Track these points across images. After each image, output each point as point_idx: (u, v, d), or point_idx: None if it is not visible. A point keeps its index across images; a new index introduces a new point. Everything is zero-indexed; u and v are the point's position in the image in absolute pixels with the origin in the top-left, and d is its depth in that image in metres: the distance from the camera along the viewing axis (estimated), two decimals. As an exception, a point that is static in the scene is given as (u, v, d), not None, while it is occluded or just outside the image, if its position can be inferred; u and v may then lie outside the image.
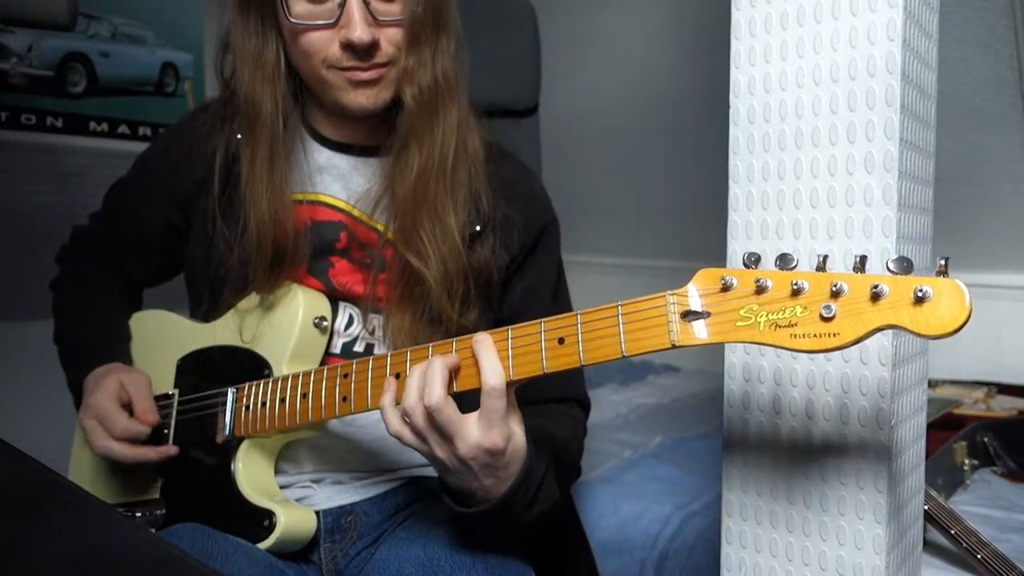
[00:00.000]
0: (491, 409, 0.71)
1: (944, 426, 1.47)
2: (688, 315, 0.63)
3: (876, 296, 0.55)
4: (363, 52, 0.85)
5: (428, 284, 0.89)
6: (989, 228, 1.83)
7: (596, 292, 1.21)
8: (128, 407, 0.93)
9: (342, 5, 0.83)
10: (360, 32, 0.83)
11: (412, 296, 0.91)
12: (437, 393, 0.71)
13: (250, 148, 0.91)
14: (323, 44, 0.85)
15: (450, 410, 0.72)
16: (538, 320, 0.70)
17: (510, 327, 0.72)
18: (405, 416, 0.74)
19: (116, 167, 1.14)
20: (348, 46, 0.84)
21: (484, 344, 0.72)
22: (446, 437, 0.73)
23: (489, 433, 0.72)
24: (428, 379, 0.72)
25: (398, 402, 0.76)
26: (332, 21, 0.84)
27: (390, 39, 0.86)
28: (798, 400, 0.77)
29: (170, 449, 0.94)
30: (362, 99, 0.88)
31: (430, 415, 0.72)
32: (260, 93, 0.90)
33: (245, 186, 0.91)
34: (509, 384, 0.72)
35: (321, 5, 0.84)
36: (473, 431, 0.72)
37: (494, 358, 0.71)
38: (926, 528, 0.99)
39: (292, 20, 0.85)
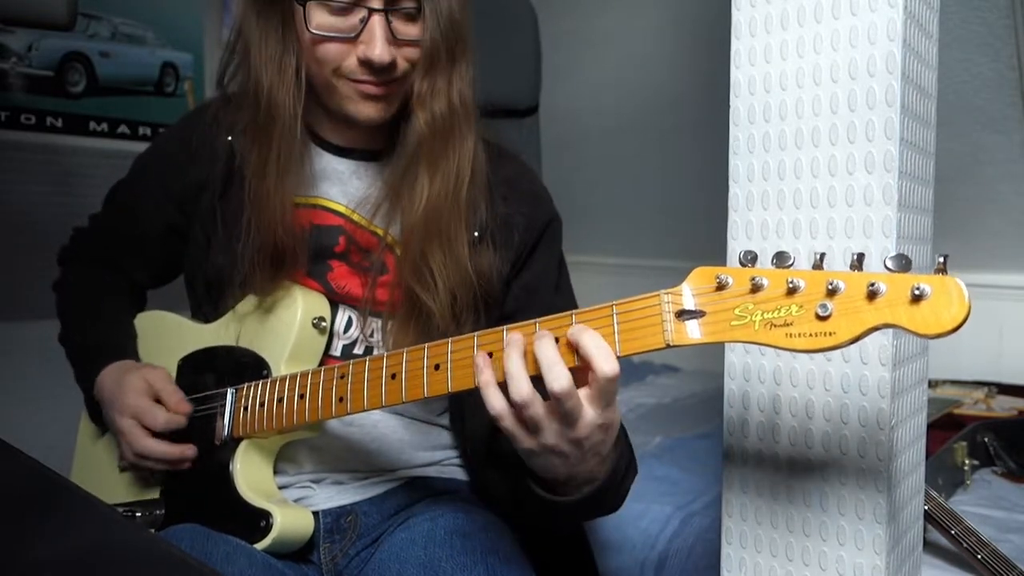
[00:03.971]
0: (608, 392, 0.66)
1: (944, 426, 1.47)
2: (682, 314, 0.62)
3: (873, 294, 0.54)
4: (380, 70, 0.85)
5: (434, 315, 0.88)
6: (989, 228, 1.83)
7: (595, 292, 1.20)
8: (158, 403, 0.92)
9: (364, 21, 0.83)
10: (380, 52, 0.83)
11: (413, 313, 0.90)
12: (565, 377, 0.64)
13: (260, 152, 0.90)
14: (340, 55, 0.85)
15: (579, 394, 0.65)
16: (533, 320, 0.69)
17: (505, 327, 0.71)
18: (522, 408, 0.66)
19: (116, 167, 1.14)
20: (366, 63, 0.84)
21: (587, 330, 0.65)
22: (569, 422, 0.66)
23: (606, 412, 0.68)
24: (549, 362, 0.64)
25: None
26: (352, 36, 0.84)
27: (406, 56, 0.86)
28: (798, 400, 0.77)
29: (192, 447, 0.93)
30: (370, 111, 0.88)
31: (558, 402, 0.65)
32: (281, 99, 0.89)
33: (249, 188, 0.91)
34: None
35: (343, 19, 0.84)
36: (590, 411, 0.67)
37: (603, 342, 0.64)
38: (926, 528, 0.99)
39: (312, 31, 0.84)
